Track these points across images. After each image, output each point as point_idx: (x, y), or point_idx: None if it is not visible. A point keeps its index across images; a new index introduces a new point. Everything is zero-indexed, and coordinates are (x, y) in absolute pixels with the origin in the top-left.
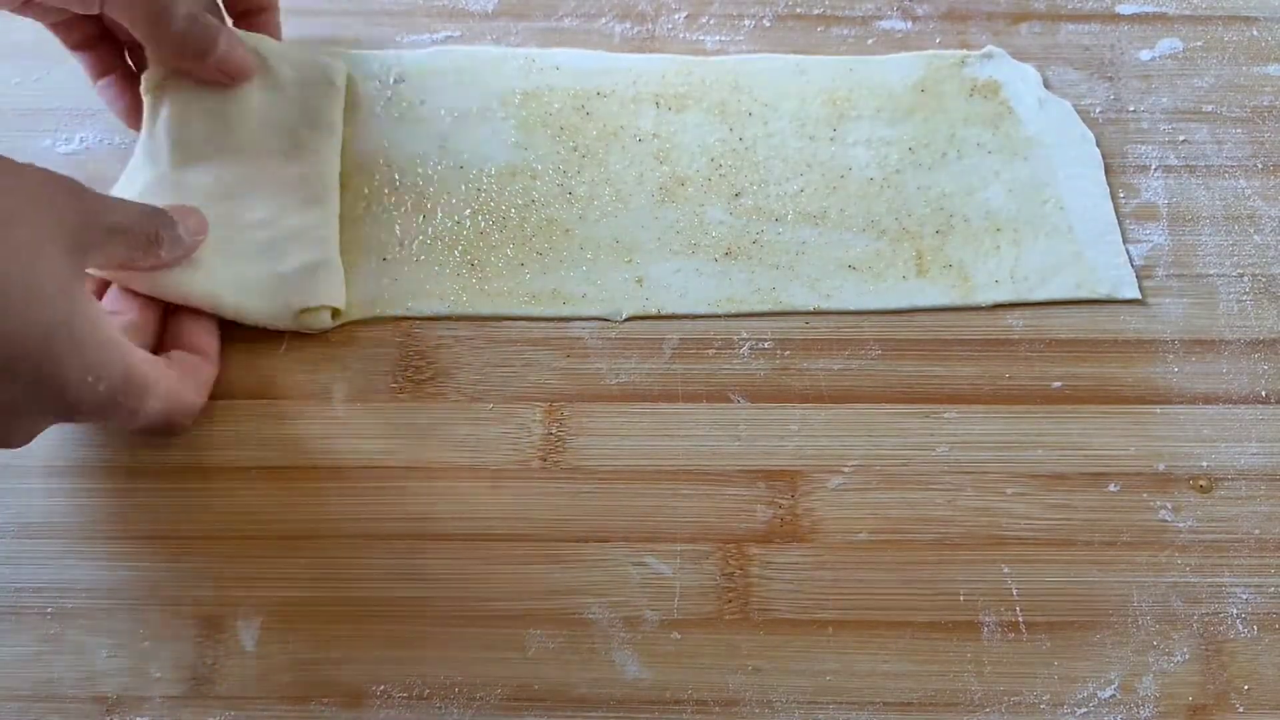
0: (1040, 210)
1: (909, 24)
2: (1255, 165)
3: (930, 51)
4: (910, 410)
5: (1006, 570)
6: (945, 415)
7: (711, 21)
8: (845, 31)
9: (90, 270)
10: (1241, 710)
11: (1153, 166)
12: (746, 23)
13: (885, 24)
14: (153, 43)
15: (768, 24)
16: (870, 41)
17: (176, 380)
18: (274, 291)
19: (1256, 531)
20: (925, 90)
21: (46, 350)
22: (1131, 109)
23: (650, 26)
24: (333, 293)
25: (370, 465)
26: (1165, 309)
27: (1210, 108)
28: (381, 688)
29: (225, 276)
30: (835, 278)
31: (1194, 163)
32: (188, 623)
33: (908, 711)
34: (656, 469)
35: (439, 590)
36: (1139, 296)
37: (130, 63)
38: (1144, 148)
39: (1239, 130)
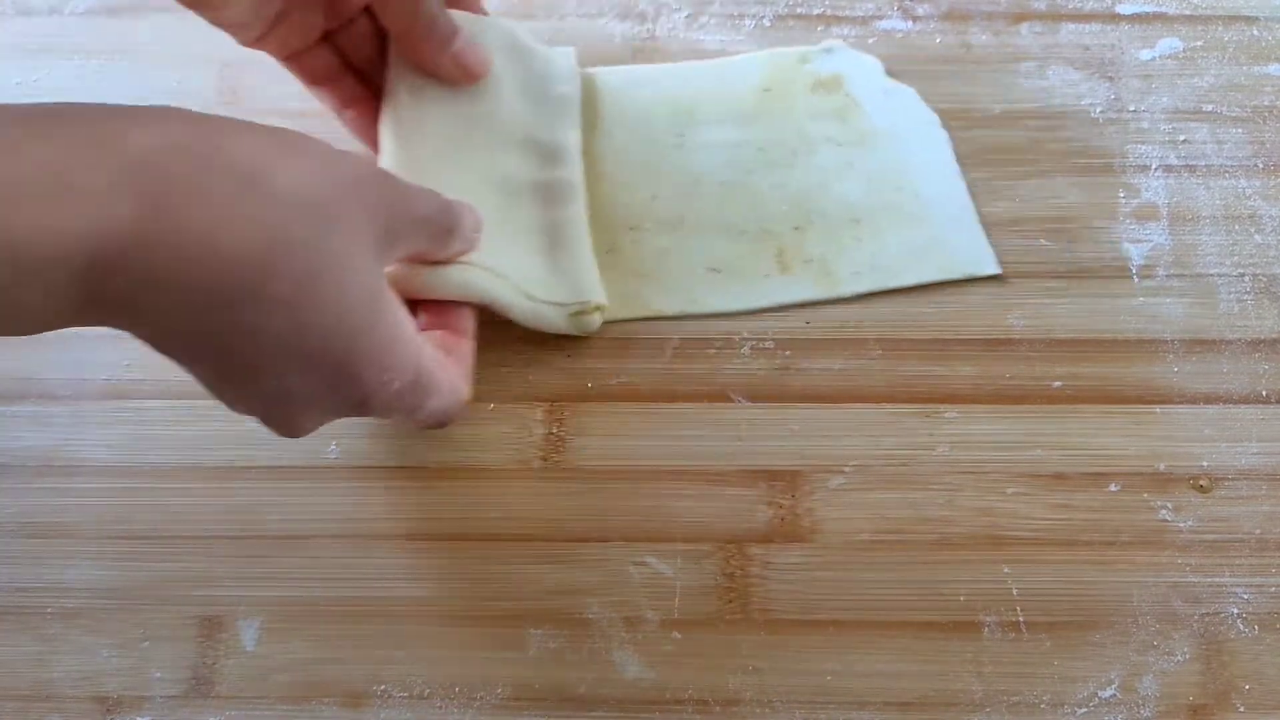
0: (896, 198)
1: (909, 24)
2: (1256, 165)
3: (771, 50)
4: (910, 410)
5: (1007, 570)
6: (945, 415)
7: (712, 21)
8: (845, 31)
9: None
10: (1242, 710)
11: (1153, 166)
12: (747, 22)
13: (885, 24)
14: (401, 28)
15: (768, 24)
16: (871, 41)
17: (455, 375)
18: (550, 290)
19: (1257, 531)
20: (770, 90)
21: (350, 350)
22: (1132, 109)
23: (650, 26)
24: (599, 291)
25: (370, 465)
26: (1165, 309)
27: (1211, 107)
28: (381, 688)
29: (506, 268)
30: (700, 281)
31: (1194, 162)
32: (188, 623)
33: (908, 711)
34: (656, 469)
35: (439, 590)
36: (999, 271)
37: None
38: (1144, 147)
39: (1239, 130)
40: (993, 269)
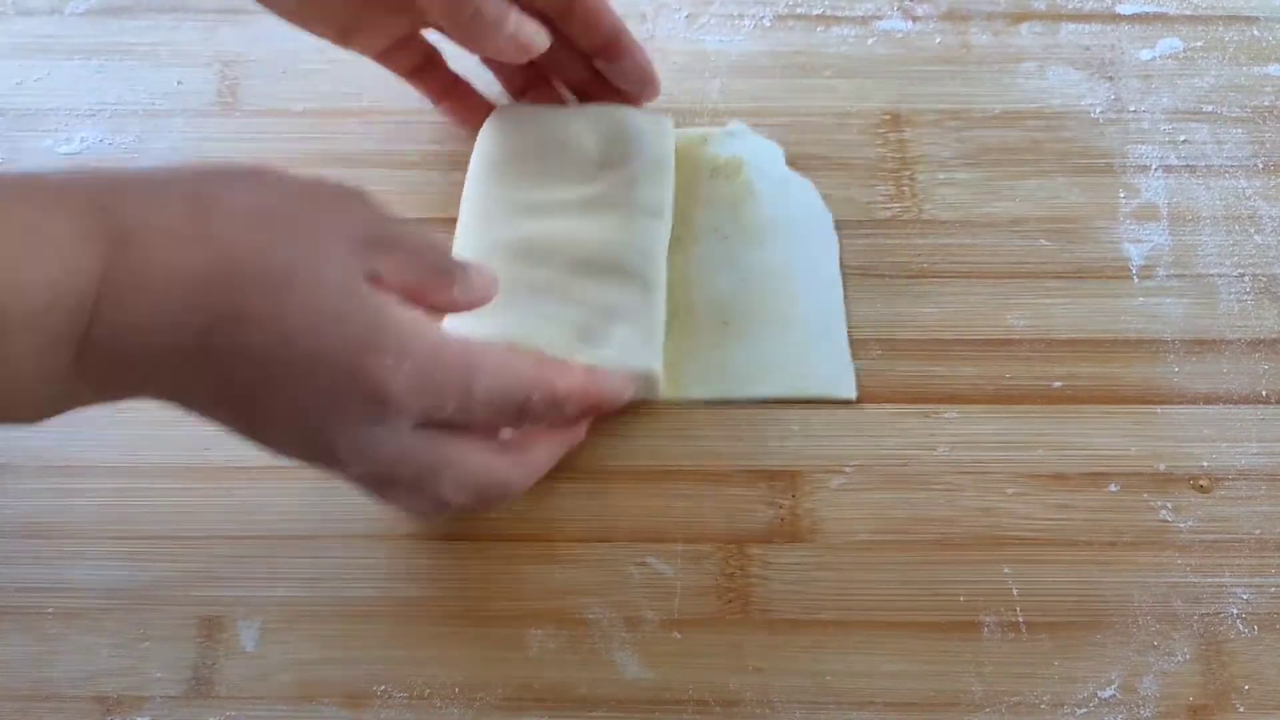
0: (769, 304)
1: (909, 24)
2: (1256, 165)
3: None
4: (910, 410)
5: (1007, 570)
6: (945, 415)
7: (712, 21)
8: (845, 32)
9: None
10: (1242, 710)
11: (1153, 166)
12: (747, 23)
13: (885, 24)
14: (452, 23)
15: (768, 24)
16: (870, 41)
17: (502, 355)
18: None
19: (1257, 531)
20: None
21: (341, 342)
22: (1132, 109)
23: (650, 26)
24: (653, 376)
25: None
26: (1165, 309)
27: (1211, 108)
28: (381, 688)
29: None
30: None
31: (1194, 163)
32: (188, 623)
33: (908, 711)
34: (656, 469)
35: (439, 590)
36: (854, 396)
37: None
38: (1144, 148)
39: (1239, 130)
40: (849, 393)
